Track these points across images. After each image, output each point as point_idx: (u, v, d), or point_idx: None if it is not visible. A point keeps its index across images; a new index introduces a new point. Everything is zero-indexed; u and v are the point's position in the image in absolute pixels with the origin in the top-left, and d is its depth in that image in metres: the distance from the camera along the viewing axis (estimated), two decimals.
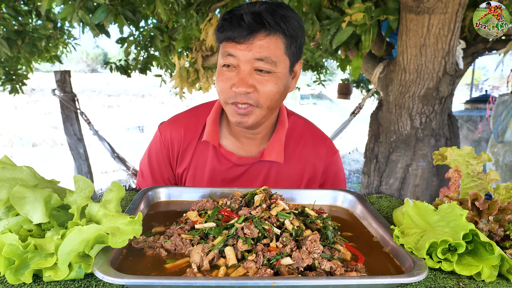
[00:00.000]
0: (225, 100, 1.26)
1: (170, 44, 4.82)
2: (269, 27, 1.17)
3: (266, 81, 1.21)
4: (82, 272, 0.69)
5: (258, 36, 1.17)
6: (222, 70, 1.24)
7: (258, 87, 1.21)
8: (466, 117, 7.80)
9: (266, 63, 1.19)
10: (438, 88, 3.09)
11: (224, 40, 1.22)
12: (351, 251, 0.84)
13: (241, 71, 1.20)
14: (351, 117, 4.83)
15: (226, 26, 1.19)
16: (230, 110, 1.27)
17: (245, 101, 1.21)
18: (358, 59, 3.02)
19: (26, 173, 0.80)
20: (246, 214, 0.87)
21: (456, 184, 0.90)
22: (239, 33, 1.17)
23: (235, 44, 1.19)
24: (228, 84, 1.22)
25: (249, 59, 1.18)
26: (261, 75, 1.20)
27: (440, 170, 3.41)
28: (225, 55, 1.22)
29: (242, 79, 1.19)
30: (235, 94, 1.21)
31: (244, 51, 1.18)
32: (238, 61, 1.20)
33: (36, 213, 0.69)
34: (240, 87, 1.19)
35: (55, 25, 5.62)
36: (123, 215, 0.74)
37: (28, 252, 0.67)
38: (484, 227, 0.82)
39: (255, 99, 1.22)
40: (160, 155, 1.47)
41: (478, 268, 0.73)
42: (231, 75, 1.22)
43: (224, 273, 0.72)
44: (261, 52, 1.18)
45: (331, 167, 1.49)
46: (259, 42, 1.17)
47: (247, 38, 1.17)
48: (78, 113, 5.99)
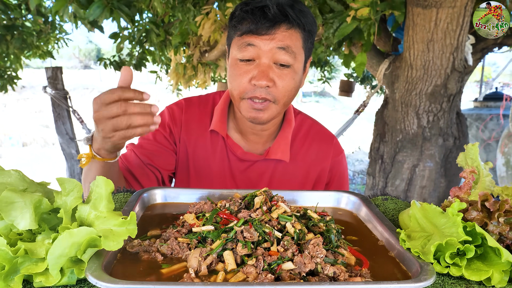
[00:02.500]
0: (241, 95, 1.26)
1: (166, 39, 4.82)
2: (292, 19, 1.21)
3: (285, 76, 1.24)
4: (74, 277, 0.69)
5: (281, 27, 1.21)
6: (238, 64, 1.25)
7: (277, 81, 1.23)
8: (475, 115, 7.80)
9: (286, 53, 1.22)
10: (446, 85, 3.09)
11: (245, 33, 1.22)
12: (355, 255, 0.84)
13: (261, 63, 1.22)
14: (355, 116, 4.83)
15: (248, 17, 1.21)
16: (245, 105, 1.27)
17: (264, 96, 1.23)
18: (363, 55, 3.02)
19: (15, 177, 0.79)
20: (246, 216, 0.87)
21: (468, 185, 0.90)
22: (263, 24, 1.19)
23: (257, 36, 1.21)
24: (246, 77, 1.23)
25: (271, 48, 1.21)
26: (280, 69, 1.23)
27: (448, 171, 3.41)
28: (244, 46, 1.22)
29: (263, 71, 1.21)
30: (254, 88, 1.23)
31: (266, 41, 1.21)
32: (259, 51, 1.22)
33: (23, 219, 0.68)
34: (261, 80, 1.20)
35: (46, 20, 5.62)
36: (116, 216, 0.73)
37: (18, 257, 0.67)
38: (494, 229, 0.82)
39: (273, 94, 1.24)
40: (166, 131, 1.44)
41: (488, 273, 0.72)
42: (249, 68, 1.23)
43: (222, 279, 0.72)
44: (284, 41, 1.21)
45: (337, 166, 1.51)
46: (282, 33, 1.21)
47: (270, 29, 1.20)
48: (70, 111, 5.99)
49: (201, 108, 1.47)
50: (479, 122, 7.68)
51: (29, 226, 0.69)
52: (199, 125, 1.44)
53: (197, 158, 1.44)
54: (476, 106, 8.43)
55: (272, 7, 1.20)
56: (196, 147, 1.43)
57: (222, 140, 1.42)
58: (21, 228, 0.69)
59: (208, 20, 3.89)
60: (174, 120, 1.44)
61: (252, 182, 1.43)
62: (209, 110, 1.46)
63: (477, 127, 7.63)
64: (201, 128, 1.44)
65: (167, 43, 4.92)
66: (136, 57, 5.43)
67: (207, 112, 1.45)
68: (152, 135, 1.44)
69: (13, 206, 0.69)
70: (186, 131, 1.44)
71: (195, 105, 1.47)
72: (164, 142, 1.44)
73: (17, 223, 0.68)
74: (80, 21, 3.67)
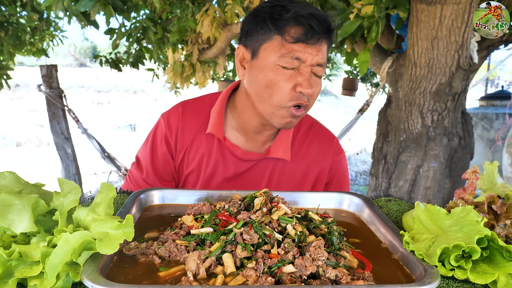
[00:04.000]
0: (282, 104, 1.26)
1: (164, 37, 4.82)
2: (329, 34, 1.26)
3: (318, 84, 1.30)
4: (70, 281, 0.69)
5: (324, 41, 1.25)
6: (280, 70, 1.24)
7: (314, 89, 1.27)
8: (481, 114, 7.80)
9: (322, 68, 1.28)
10: (451, 84, 3.09)
11: (296, 41, 1.22)
12: (358, 258, 0.84)
13: (305, 72, 1.24)
14: (358, 115, 4.82)
15: (303, 23, 1.21)
16: (285, 113, 1.28)
17: (307, 103, 1.28)
18: (366, 53, 3.02)
19: (9, 178, 0.79)
20: (246, 218, 0.87)
21: (473, 186, 0.90)
22: (316, 35, 1.21)
23: (306, 46, 1.22)
24: (291, 84, 1.24)
25: (314, 62, 1.24)
26: (315, 78, 1.28)
27: (453, 171, 3.41)
28: (291, 57, 1.22)
29: (308, 79, 1.24)
30: (298, 96, 1.24)
31: (313, 55, 1.23)
32: (302, 63, 1.24)
33: (22, 222, 0.68)
34: (309, 88, 1.23)
35: (41, 16, 5.62)
36: (112, 219, 0.74)
37: (12, 260, 0.67)
38: (501, 232, 0.82)
39: (310, 101, 1.29)
40: (164, 145, 1.47)
41: (494, 276, 0.73)
42: (293, 73, 1.24)
43: (221, 282, 0.72)
44: (323, 58, 1.26)
45: (336, 166, 1.52)
46: (323, 47, 1.26)
47: (319, 41, 1.23)
48: (66, 111, 5.98)
49: (197, 111, 1.47)
50: (485, 122, 7.68)
51: (27, 229, 0.69)
52: (196, 130, 1.45)
53: (194, 162, 1.44)
54: (482, 105, 8.43)
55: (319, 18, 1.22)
56: (193, 151, 1.44)
57: (219, 143, 1.42)
58: (19, 230, 0.69)
59: (207, 17, 3.89)
60: (170, 129, 1.46)
61: (253, 182, 1.44)
62: (206, 113, 1.46)
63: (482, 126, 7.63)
64: (198, 133, 1.44)
65: (165, 40, 4.92)
66: (133, 54, 5.42)
67: (204, 115, 1.46)
68: (151, 154, 1.48)
69: (10, 209, 0.69)
70: (182, 138, 1.45)
71: (191, 109, 1.48)
72: (165, 158, 1.47)
73: (14, 226, 0.68)
74: (75, 17, 3.67)
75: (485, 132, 7.63)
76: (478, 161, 7.60)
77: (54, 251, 0.65)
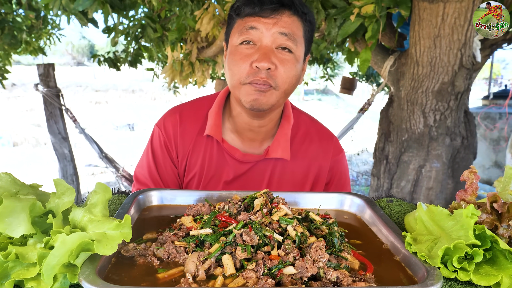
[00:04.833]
0: (241, 80, 1.27)
1: (163, 35, 4.82)
2: (296, 7, 1.25)
3: (287, 61, 1.26)
4: (67, 282, 0.69)
5: (285, 13, 1.24)
6: (238, 49, 1.26)
7: (279, 66, 1.24)
8: (484, 114, 7.81)
9: (289, 39, 1.24)
10: (454, 83, 3.09)
11: (248, 15, 1.25)
12: (359, 259, 0.84)
13: (263, 46, 1.24)
14: (359, 114, 4.82)
15: (253, 3, 1.23)
16: (245, 90, 1.27)
17: (265, 79, 1.24)
18: (367, 52, 3.02)
19: (5, 180, 0.79)
20: (246, 219, 0.87)
21: (473, 186, 0.90)
22: (268, 6, 1.22)
23: (260, 18, 1.24)
24: (247, 61, 1.24)
25: (273, 33, 1.23)
26: (282, 53, 1.25)
27: (456, 172, 3.41)
28: (246, 29, 1.24)
29: (265, 53, 1.22)
30: (255, 71, 1.23)
31: (269, 25, 1.23)
32: (261, 35, 1.24)
33: (20, 226, 0.68)
34: (263, 61, 1.21)
35: (37, 15, 5.62)
36: (110, 220, 0.74)
37: (8, 262, 0.67)
38: (504, 233, 0.82)
39: (274, 79, 1.25)
40: (165, 153, 1.46)
41: (497, 278, 0.72)
42: (250, 52, 1.25)
43: (221, 284, 0.72)
44: (286, 28, 1.24)
45: (337, 166, 1.52)
46: (285, 18, 1.24)
47: (274, 12, 1.23)
48: (63, 110, 5.98)
49: (195, 114, 1.47)
50: (488, 121, 7.69)
51: (25, 232, 0.69)
52: (196, 133, 1.45)
53: (196, 166, 1.44)
54: (485, 104, 8.44)
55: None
56: (195, 155, 1.44)
57: (218, 145, 1.42)
58: (17, 235, 0.68)
59: (207, 14, 3.89)
60: (169, 136, 1.46)
61: (253, 184, 1.43)
62: (204, 115, 1.46)
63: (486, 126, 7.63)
64: (198, 135, 1.44)
65: (164, 39, 4.91)
66: (131, 53, 5.42)
67: (203, 118, 1.45)
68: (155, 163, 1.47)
69: (9, 213, 0.68)
70: (183, 143, 1.45)
71: (189, 113, 1.47)
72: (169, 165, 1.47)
73: (12, 230, 0.68)
74: (74, 16, 3.67)
75: (488, 131, 7.64)
76: (481, 161, 7.61)
77: (51, 253, 0.65)
